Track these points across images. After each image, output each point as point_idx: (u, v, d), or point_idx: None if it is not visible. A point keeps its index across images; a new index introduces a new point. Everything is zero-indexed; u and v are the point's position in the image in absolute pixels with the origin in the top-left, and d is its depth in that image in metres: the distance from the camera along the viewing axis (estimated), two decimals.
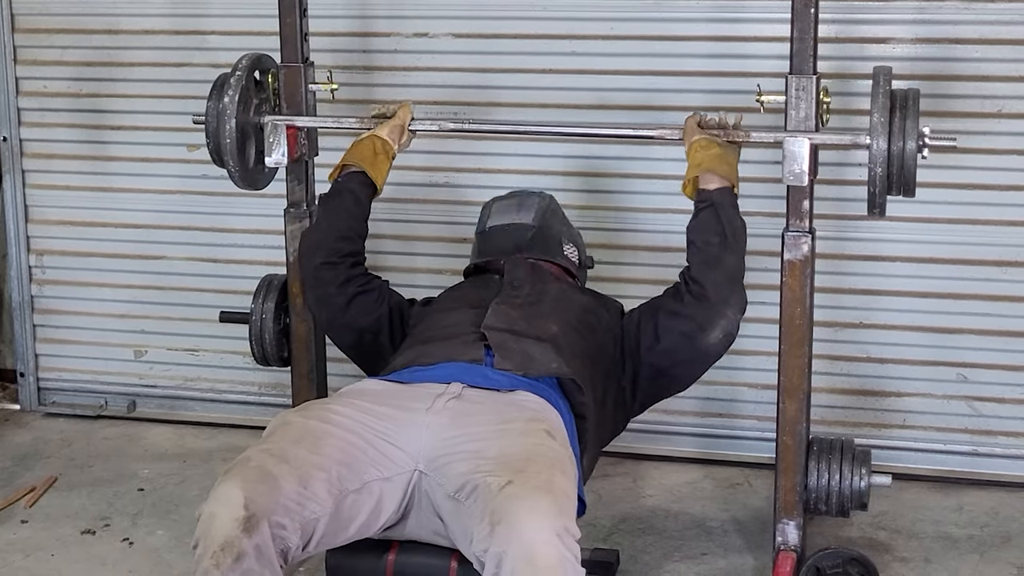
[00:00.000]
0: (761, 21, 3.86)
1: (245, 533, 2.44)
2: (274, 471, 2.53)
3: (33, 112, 4.46)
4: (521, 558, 2.38)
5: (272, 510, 2.48)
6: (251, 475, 2.52)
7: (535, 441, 2.64)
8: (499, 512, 2.43)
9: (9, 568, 3.50)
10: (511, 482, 2.48)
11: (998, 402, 3.93)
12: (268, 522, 2.47)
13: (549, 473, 2.53)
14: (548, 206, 3.45)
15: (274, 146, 3.39)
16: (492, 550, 2.41)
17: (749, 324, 3.98)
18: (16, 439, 4.36)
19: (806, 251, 3.18)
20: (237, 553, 2.44)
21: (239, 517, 2.45)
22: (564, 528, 2.44)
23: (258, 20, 4.07)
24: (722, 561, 3.52)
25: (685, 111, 3.90)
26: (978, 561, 3.50)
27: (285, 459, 2.57)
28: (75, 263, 4.52)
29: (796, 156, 3.11)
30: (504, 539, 2.40)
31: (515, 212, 3.39)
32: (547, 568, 2.38)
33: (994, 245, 3.85)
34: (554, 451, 2.63)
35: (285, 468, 2.54)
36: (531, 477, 2.50)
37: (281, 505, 2.50)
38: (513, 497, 2.44)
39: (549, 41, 4.02)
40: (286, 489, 2.52)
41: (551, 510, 2.43)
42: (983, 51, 3.77)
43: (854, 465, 3.30)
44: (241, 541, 2.44)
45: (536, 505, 2.43)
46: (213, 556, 2.45)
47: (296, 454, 2.59)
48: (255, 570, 2.46)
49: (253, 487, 2.48)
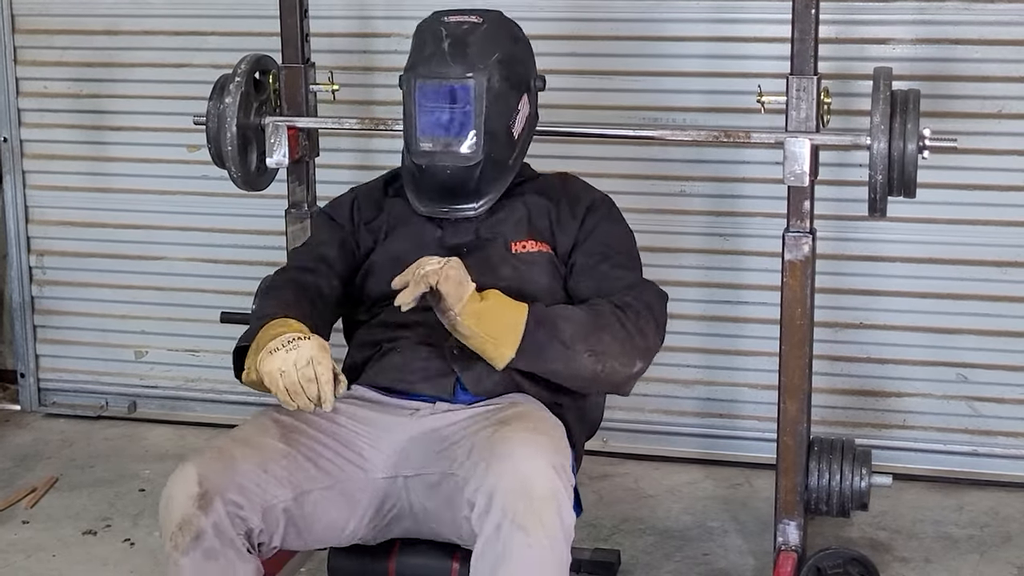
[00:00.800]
0: (761, 22, 3.86)
1: (200, 510, 2.39)
2: (233, 452, 2.49)
3: (33, 113, 4.46)
4: (514, 490, 2.33)
5: (226, 487, 2.42)
6: (208, 455, 2.48)
7: (519, 410, 2.60)
8: (494, 450, 2.40)
9: (10, 569, 3.51)
10: (505, 424, 2.47)
11: (998, 402, 3.93)
12: (222, 499, 2.41)
13: (541, 423, 2.53)
14: (485, 85, 2.76)
15: (275, 147, 3.39)
16: (484, 487, 2.36)
17: (750, 325, 4.02)
18: (17, 440, 4.37)
19: (807, 251, 3.18)
20: (195, 532, 2.39)
21: (193, 494, 2.40)
22: (560, 463, 2.41)
23: (259, 21, 4.07)
24: (723, 561, 3.52)
25: (686, 111, 3.94)
26: (978, 561, 3.51)
27: (247, 443, 2.53)
28: (75, 264, 4.52)
29: (797, 157, 3.11)
30: (497, 472, 2.35)
31: (448, 130, 2.77)
32: (542, 499, 2.33)
33: (994, 245, 3.85)
34: (543, 415, 2.61)
35: (246, 451, 2.50)
36: (524, 423, 2.49)
37: (236, 483, 2.44)
38: (506, 438, 2.42)
39: (549, 42, 4.01)
40: (243, 468, 2.46)
41: (546, 446, 2.42)
42: (983, 52, 3.77)
43: (855, 465, 3.30)
44: (198, 519, 2.39)
45: (530, 439, 2.41)
46: (172, 538, 2.40)
47: (261, 441, 2.54)
48: (216, 549, 2.40)
49: (208, 464, 2.44)
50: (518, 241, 2.84)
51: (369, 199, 2.97)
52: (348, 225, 2.93)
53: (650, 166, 4.01)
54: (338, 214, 2.95)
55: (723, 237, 4.01)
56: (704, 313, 4.07)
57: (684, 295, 4.05)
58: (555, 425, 2.59)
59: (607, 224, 2.89)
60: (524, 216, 2.87)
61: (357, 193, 3.00)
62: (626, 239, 2.91)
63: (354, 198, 2.98)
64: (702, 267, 4.04)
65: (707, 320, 4.07)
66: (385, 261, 2.83)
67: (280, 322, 2.60)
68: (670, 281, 4.03)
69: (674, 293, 4.02)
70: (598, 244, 2.84)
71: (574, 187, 2.98)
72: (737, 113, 3.83)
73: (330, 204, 3.02)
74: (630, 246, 2.91)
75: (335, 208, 2.98)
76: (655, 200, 4.02)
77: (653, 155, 3.99)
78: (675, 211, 4.03)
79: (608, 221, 2.90)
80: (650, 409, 4.15)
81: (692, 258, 4.04)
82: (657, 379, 4.11)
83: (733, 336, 4.06)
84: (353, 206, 2.95)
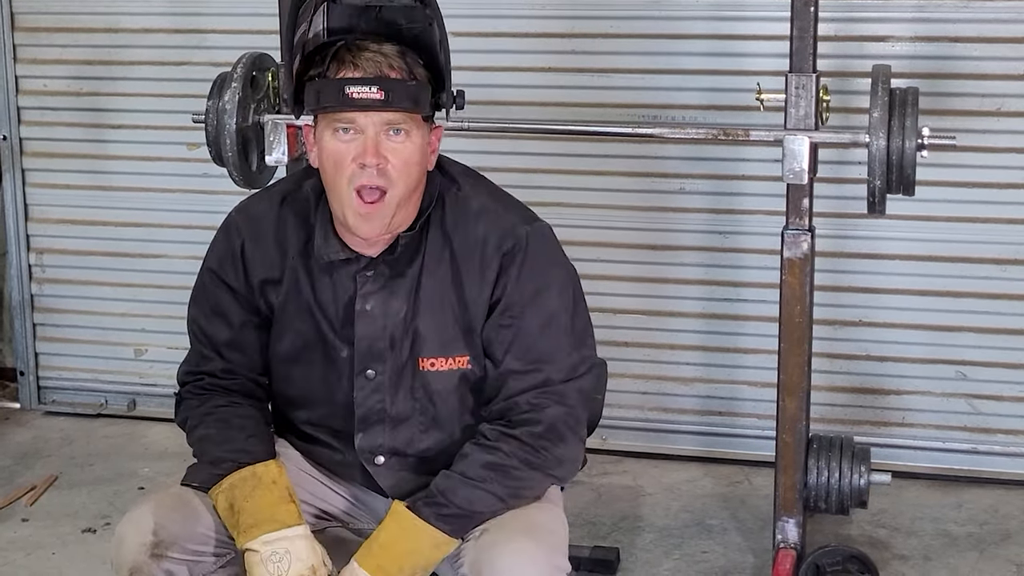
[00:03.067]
0: (761, 19, 3.86)
1: (153, 559, 2.30)
2: (194, 502, 2.39)
3: (33, 111, 4.46)
4: None
5: (183, 538, 2.34)
6: (168, 502, 2.38)
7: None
8: (478, 565, 2.28)
9: (10, 567, 3.51)
10: (486, 530, 2.33)
11: (997, 400, 3.93)
12: (179, 549, 2.33)
13: (535, 517, 2.38)
14: None
15: (274, 145, 3.38)
16: None
17: (749, 322, 4.02)
18: (16, 438, 4.37)
19: (806, 249, 3.18)
20: None
21: (147, 542, 2.31)
22: (553, 566, 2.29)
23: (257, 19, 4.07)
24: (722, 559, 3.52)
25: (685, 109, 3.93)
26: (977, 558, 3.51)
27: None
28: (75, 262, 4.52)
29: (796, 154, 3.10)
30: None
31: None
32: None
33: (993, 243, 3.85)
34: (537, 505, 2.44)
35: (208, 501, 2.40)
36: (506, 519, 2.35)
37: (195, 534, 2.36)
38: (491, 545, 2.29)
39: (549, 40, 4.02)
40: (205, 520, 2.37)
41: (535, 552, 2.27)
42: (982, 49, 3.77)
43: (854, 463, 3.30)
44: (149, 567, 2.30)
45: (518, 549, 2.26)
46: None
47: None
48: None
49: (166, 514, 2.34)
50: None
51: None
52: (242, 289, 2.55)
53: (649, 164, 4.01)
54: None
55: (722, 235, 4.01)
56: (703, 311, 4.07)
57: (683, 293, 4.05)
58: (551, 517, 2.43)
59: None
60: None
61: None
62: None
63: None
64: (701, 265, 4.04)
65: (706, 318, 4.07)
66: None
67: (249, 477, 2.39)
68: (669, 279, 4.07)
69: (673, 291, 4.08)
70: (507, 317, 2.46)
71: None
72: (736, 111, 3.83)
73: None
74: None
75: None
76: (654, 198, 4.02)
77: (652, 153, 3.99)
78: (674, 209, 4.03)
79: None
80: (649, 407, 4.15)
81: (691, 256, 4.04)
82: (656, 377, 4.12)
83: (732, 334, 4.06)
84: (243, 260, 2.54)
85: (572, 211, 4.01)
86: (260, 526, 2.33)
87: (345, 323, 2.46)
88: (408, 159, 2.35)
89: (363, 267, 2.44)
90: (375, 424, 2.48)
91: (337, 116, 2.33)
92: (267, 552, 2.31)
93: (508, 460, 2.37)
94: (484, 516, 2.36)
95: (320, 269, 2.46)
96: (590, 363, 2.48)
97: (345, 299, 2.45)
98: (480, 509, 2.36)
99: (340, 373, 2.47)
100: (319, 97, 2.34)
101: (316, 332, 2.48)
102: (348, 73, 2.33)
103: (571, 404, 2.42)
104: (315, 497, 2.55)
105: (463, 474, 2.37)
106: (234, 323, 2.54)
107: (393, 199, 2.35)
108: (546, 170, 4.03)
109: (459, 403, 2.48)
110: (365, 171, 2.32)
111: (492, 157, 4.08)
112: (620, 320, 4.09)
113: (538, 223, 2.49)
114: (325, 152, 2.36)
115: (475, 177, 2.56)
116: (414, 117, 2.35)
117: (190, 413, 2.54)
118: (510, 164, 4.04)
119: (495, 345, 2.43)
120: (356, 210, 2.34)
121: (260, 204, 2.54)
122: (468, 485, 2.36)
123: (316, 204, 2.47)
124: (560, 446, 2.40)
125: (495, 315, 2.42)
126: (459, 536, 2.35)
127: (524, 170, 4.00)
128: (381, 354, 2.45)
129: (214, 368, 2.56)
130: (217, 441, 2.45)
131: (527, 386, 2.40)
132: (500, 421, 2.41)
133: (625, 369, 4.07)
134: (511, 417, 2.40)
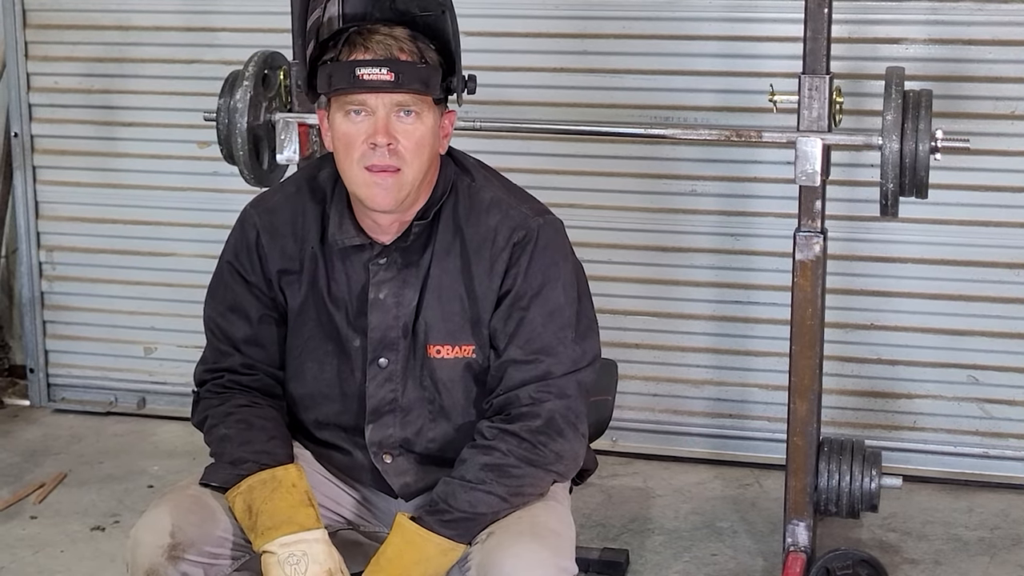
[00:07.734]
0: (774, 21, 3.85)
1: (170, 562, 2.30)
2: (212, 504, 2.39)
3: (44, 108, 4.46)
4: None
5: (200, 541, 2.33)
6: (185, 503, 2.38)
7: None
8: (485, 568, 2.27)
9: (18, 564, 3.51)
10: (492, 533, 2.32)
11: (1009, 404, 3.92)
12: (195, 552, 2.32)
13: (540, 517, 2.37)
14: None
15: (285, 143, 3.38)
16: None
17: (760, 325, 4.01)
18: (26, 435, 4.37)
19: (818, 251, 3.17)
20: None
21: (164, 544, 2.30)
22: (559, 568, 2.28)
23: (269, 17, 4.06)
24: (732, 562, 3.51)
25: (697, 111, 3.93)
26: (988, 563, 3.50)
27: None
28: (85, 259, 4.53)
29: (808, 156, 3.10)
30: None
31: None
32: None
33: (1006, 247, 3.84)
34: (544, 504, 2.42)
35: (225, 503, 2.39)
36: (511, 521, 2.35)
37: (212, 536, 2.35)
38: (497, 548, 2.28)
39: (561, 40, 4.02)
40: (222, 522, 2.37)
41: (541, 554, 2.26)
42: (996, 52, 3.76)
43: (864, 466, 3.29)
44: (166, 569, 2.30)
45: (524, 551, 2.26)
46: None
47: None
48: None
49: (183, 516, 2.34)
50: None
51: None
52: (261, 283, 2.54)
53: (661, 165, 4.00)
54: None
55: (734, 237, 4.00)
56: (714, 313, 4.06)
57: (694, 295, 4.05)
58: (558, 518, 2.42)
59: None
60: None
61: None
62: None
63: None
64: (713, 267, 4.03)
65: (717, 320, 4.06)
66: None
67: (269, 480, 2.38)
68: (680, 280, 4.06)
69: (684, 293, 4.07)
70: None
71: None
72: (749, 112, 3.83)
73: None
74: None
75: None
76: (666, 199, 4.02)
77: (664, 154, 3.98)
78: (686, 210, 4.02)
79: None
80: (660, 409, 4.14)
81: (703, 258, 4.04)
82: (667, 379, 4.11)
83: (743, 336, 4.05)
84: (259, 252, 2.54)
85: (583, 212, 4.00)
86: (278, 528, 2.33)
87: (359, 313, 2.47)
88: (419, 140, 2.37)
89: (376, 255, 2.45)
90: (386, 415, 2.48)
91: (348, 98, 2.35)
92: (284, 554, 2.31)
93: (506, 459, 2.37)
94: (488, 517, 2.36)
95: (335, 257, 2.47)
96: (591, 357, 2.48)
97: (358, 289, 2.47)
98: (483, 511, 2.36)
99: (352, 365, 2.48)
100: (331, 80, 2.36)
101: (330, 323, 2.49)
102: (359, 56, 2.35)
103: (571, 397, 2.42)
104: (326, 499, 2.55)
105: (462, 478, 2.37)
106: (252, 318, 2.54)
107: (407, 176, 2.36)
108: (557, 171, 4.03)
109: (464, 393, 2.48)
110: (376, 151, 2.34)
111: (503, 157, 4.07)
112: (631, 322, 4.08)
113: (550, 216, 2.51)
114: (337, 134, 2.39)
115: (488, 170, 2.58)
116: (425, 99, 2.37)
117: (210, 412, 2.55)
118: (521, 164, 4.03)
119: (500, 334, 2.44)
120: (367, 180, 2.36)
121: (275, 196, 2.56)
122: (468, 488, 2.36)
123: (332, 190, 2.49)
124: (559, 441, 2.40)
125: (503, 306, 2.44)
126: (466, 540, 2.35)
127: (535, 170, 3.99)
128: (394, 343, 2.46)
129: (234, 364, 2.56)
130: (238, 442, 2.45)
131: (528, 377, 2.41)
132: (499, 416, 2.42)
133: (635, 371, 4.07)
134: (510, 411, 2.41)
